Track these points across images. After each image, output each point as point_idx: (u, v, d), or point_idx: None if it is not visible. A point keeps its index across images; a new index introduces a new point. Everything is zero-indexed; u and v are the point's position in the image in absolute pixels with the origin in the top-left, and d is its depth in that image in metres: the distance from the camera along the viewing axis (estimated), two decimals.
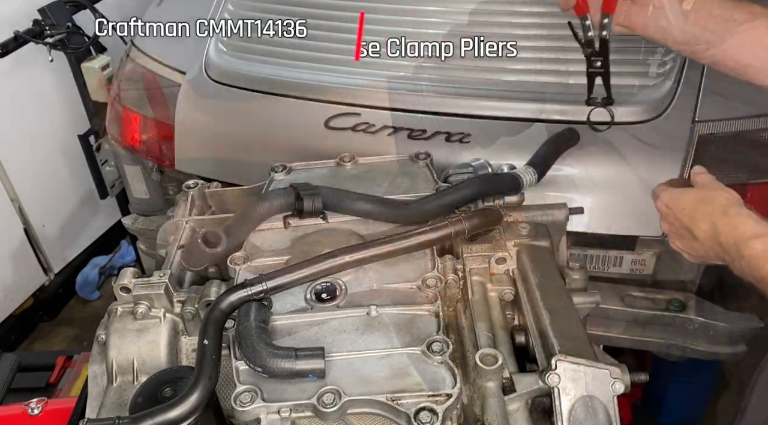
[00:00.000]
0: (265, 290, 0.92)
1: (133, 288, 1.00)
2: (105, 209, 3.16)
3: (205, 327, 0.87)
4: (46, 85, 2.84)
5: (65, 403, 1.33)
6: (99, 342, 1.02)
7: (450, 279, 1.00)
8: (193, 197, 1.30)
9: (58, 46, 2.65)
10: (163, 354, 0.99)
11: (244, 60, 2.04)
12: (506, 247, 1.04)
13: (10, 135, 2.72)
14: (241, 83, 1.99)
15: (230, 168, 1.99)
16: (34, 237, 2.89)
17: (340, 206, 1.05)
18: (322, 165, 1.24)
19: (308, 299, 0.96)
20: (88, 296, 3.07)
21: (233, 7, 2.16)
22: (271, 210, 1.04)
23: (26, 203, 2.83)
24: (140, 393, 0.87)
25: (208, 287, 1.03)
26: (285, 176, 1.22)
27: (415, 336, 0.90)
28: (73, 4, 2.69)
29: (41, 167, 2.88)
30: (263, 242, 1.08)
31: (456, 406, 0.83)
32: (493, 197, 1.13)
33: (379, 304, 0.94)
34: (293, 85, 1.94)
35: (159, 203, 2.24)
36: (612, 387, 0.82)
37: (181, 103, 2.04)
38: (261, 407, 0.83)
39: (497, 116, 1.75)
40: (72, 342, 2.93)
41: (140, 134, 2.14)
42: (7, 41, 2.49)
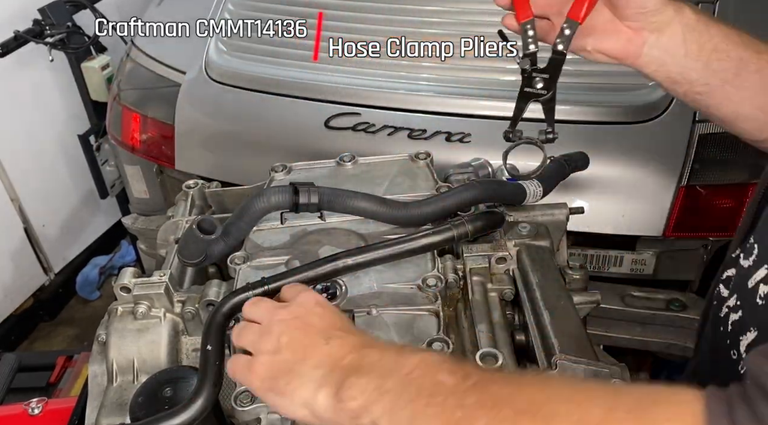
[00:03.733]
0: (266, 292, 0.92)
1: (133, 288, 1.00)
2: (105, 209, 3.16)
3: (207, 332, 0.86)
4: (46, 85, 2.84)
5: (65, 403, 1.33)
6: (99, 342, 1.02)
7: (450, 279, 1.00)
8: (193, 197, 1.30)
9: (58, 46, 2.65)
10: (164, 353, 0.99)
11: (244, 60, 2.04)
12: (506, 247, 1.04)
13: (10, 135, 2.72)
14: (241, 83, 1.99)
15: (230, 168, 1.99)
16: (34, 237, 2.89)
17: (338, 204, 1.05)
18: (322, 165, 1.24)
19: None
20: (88, 296, 3.07)
21: (233, 7, 2.16)
22: (270, 206, 1.04)
23: (26, 203, 2.83)
24: (140, 393, 0.86)
25: (209, 287, 1.03)
26: (285, 176, 1.22)
27: (416, 336, 0.90)
28: (73, 4, 2.69)
29: (41, 167, 2.88)
30: (263, 241, 1.08)
31: None
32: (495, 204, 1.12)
33: (380, 304, 0.94)
34: (293, 85, 1.94)
35: (159, 203, 2.24)
36: None
37: (181, 103, 2.04)
38: (261, 407, 0.83)
39: (497, 116, 1.75)
40: (72, 341, 2.93)
41: (140, 134, 2.14)
42: (7, 41, 2.49)
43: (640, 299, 1.73)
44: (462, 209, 1.07)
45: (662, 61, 0.88)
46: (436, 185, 1.16)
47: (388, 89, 1.87)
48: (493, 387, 0.62)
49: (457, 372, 0.64)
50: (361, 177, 1.19)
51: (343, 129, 1.84)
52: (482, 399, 0.61)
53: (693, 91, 0.90)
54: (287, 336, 0.74)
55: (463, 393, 0.61)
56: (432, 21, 1.96)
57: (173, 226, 1.22)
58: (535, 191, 1.10)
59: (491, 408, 0.59)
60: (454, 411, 0.60)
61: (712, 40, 0.87)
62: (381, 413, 0.64)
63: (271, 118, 1.95)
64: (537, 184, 1.11)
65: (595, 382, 0.77)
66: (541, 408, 0.58)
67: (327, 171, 1.22)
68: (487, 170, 1.26)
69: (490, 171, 1.26)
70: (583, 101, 1.76)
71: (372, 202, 1.05)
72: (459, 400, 0.61)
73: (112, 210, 3.12)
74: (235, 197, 1.30)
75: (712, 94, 0.90)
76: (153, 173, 2.19)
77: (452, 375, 0.63)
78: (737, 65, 0.87)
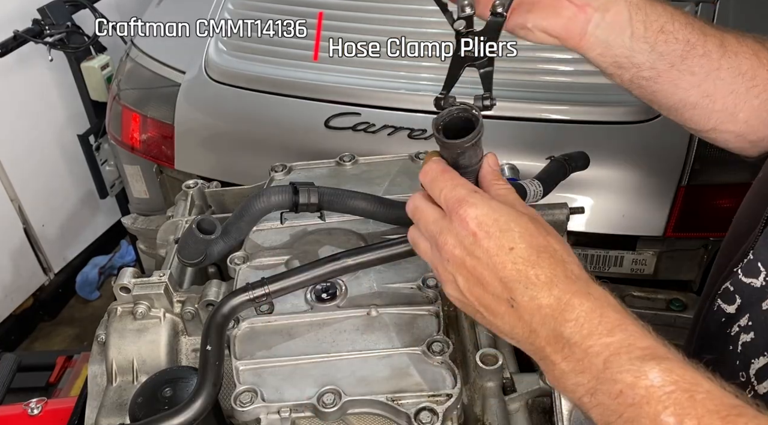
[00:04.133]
0: (267, 293, 0.92)
1: (132, 288, 1.00)
2: (105, 209, 3.16)
3: (207, 333, 0.86)
4: (45, 85, 2.84)
5: (65, 403, 1.33)
6: (99, 342, 1.02)
7: None
8: (193, 197, 1.30)
9: (58, 46, 2.65)
10: (163, 354, 0.99)
11: (243, 60, 2.04)
12: None
13: (10, 135, 2.72)
14: (241, 83, 1.99)
15: (230, 168, 1.99)
16: (34, 237, 2.89)
17: (338, 204, 1.05)
18: (322, 165, 1.24)
19: (308, 300, 0.96)
20: (88, 296, 3.08)
21: (233, 6, 2.16)
22: (270, 206, 1.04)
23: (26, 203, 2.83)
24: (140, 393, 0.86)
25: (208, 287, 1.03)
26: (285, 176, 1.22)
27: (416, 336, 0.89)
28: (73, 4, 2.69)
29: (41, 167, 2.88)
30: (263, 241, 1.08)
31: (456, 406, 0.83)
32: None
33: (380, 304, 0.94)
34: (293, 85, 1.94)
35: (159, 203, 2.24)
36: None
37: (181, 103, 2.04)
38: (261, 407, 0.83)
39: (497, 116, 1.75)
40: (72, 341, 2.93)
41: (140, 134, 2.14)
42: (6, 41, 2.49)
43: (641, 299, 1.72)
44: None
45: (607, 43, 0.83)
46: None
47: (388, 89, 1.87)
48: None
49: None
50: (361, 177, 1.19)
51: (343, 129, 1.84)
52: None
53: (639, 75, 0.85)
54: (463, 280, 0.69)
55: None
56: (432, 21, 1.95)
57: (173, 226, 1.22)
58: (535, 191, 1.10)
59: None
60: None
61: (658, 19, 0.82)
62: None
63: (271, 118, 1.95)
64: (537, 184, 1.10)
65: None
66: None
67: (327, 171, 1.22)
68: None
69: None
70: (583, 101, 1.76)
71: (372, 202, 1.05)
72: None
73: (112, 210, 3.12)
74: (235, 197, 1.30)
75: (659, 79, 0.85)
76: (153, 172, 2.19)
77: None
78: (684, 48, 0.83)
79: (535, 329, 0.65)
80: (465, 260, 0.68)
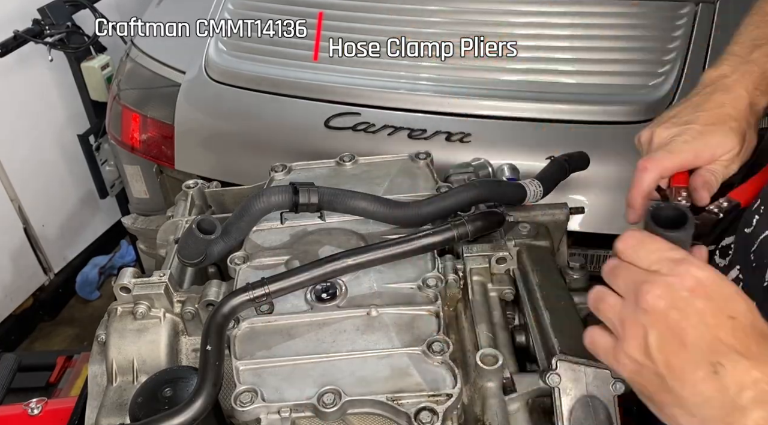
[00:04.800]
0: (267, 293, 0.92)
1: (132, 288, 1.00)
2: (105, 209, 3.16)
3: (207, 333, 0.86)
4: (45, 85, 2.84)
5: (65, 403, 1.33)
6: (99, 342, 1.02)
7: (450, 279, 1.00)
8: (193, 197, 1.30)
9: (58, 46, 2.66)
10: (163, 354, 0.99)
11: (243, 60, 2.04)
12: (507, 247, 1.04)
13: (10, 135, 2.72)
14: (241, 83, 1.99)
15: (230, 168, 1.99)
16: (34, 237, 2.89)
17: (338, 204, 1.05)
18: (322, 165, 1.24)
19: (308, 299, 0.96)
20: (88, 296, 3.08)
21: (233, 7, 2.16)
22: (270, 206, 1.04)
23: (26, 203, 2.84)
24: (140, 393, 0.86)
25: (208, 287, 1.03)
26: (285, 176, 1.22)
27: (416, 336, 0.89)
28: (73, 4, 2.69)
29: (41, 167, 2.88)
30: (263, 241, 1.08)
31: (456, 406, 0.83)
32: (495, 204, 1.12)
33: (380, 304, 0.93)
34: (293, 85, 1.94)
35: (159, 203, 2.24)
36: (613, 387, 0.82)
37: (181, 103, 2.04)
38: (261, 407, 0.83)
39: (497, 116, 1.75)
40: (72, 341, 2.93)
41: (140, 134, 2.14)
42: (6, 41, 2.49)
43: None
44: (462, 209, 1.06)
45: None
46: (436, 185, 1.16)
47: (388, 89, 1.87)
48: None
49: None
50: (361, 177, 1.19)
51: (343, 129, 1.84)
52: None
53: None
54: (656, 335, 0.57)
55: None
56: (432, 21, 1.96)
57: (173, 226, 1.22)
58: (535, 191, 1.10)
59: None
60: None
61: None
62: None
63: (271, 118, 1.95)
64: (537, 184, 1.10)
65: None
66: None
67: (327, 171, 1.22)
68: (487, 170, 1.26)
69: (490, 171, 1.26)
70: (583, 101, 1.76)
71: (372, 202, 1.05)
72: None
73: (112, 210, 3.12)
74: (235, 197, 1.30)
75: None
76: (153, 172, 2.19)
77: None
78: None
79: (745, 406, 0.53)
80: (668, 314, 0.57)
